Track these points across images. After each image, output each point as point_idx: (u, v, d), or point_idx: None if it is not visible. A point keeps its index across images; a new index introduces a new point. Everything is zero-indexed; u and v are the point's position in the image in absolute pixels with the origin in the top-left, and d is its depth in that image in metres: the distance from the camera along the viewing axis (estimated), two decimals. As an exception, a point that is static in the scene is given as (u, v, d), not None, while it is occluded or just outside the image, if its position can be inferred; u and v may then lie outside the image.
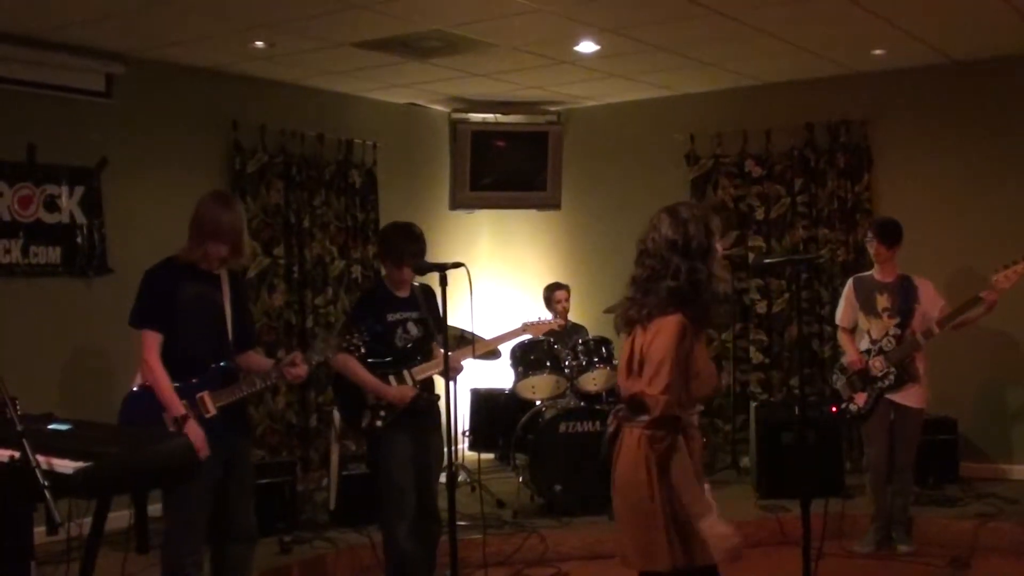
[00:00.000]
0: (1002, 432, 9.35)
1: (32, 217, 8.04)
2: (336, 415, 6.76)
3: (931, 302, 7.66)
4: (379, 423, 6.55)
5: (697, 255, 4.30)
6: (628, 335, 4.35)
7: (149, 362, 5.62)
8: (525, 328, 7.51)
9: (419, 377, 6.60)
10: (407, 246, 6.61)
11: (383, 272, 6.90)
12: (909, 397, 7.62)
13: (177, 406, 5.54)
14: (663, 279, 4.23)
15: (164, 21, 7.64)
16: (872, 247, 7.80)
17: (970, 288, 9.31)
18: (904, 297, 7.65)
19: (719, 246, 4.41)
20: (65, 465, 4.09)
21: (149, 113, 8.76)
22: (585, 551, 7.99)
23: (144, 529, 7.26)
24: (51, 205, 8.12)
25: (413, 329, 6.66)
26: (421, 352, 6.69)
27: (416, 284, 6.75)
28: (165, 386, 5.58)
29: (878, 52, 9.15)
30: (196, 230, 5.89)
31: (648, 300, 4.23)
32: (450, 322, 6.30)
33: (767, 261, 7.50)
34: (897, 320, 7.64)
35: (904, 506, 7.77)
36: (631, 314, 4.30)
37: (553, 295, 10.15)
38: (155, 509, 5.98)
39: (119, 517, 7.29)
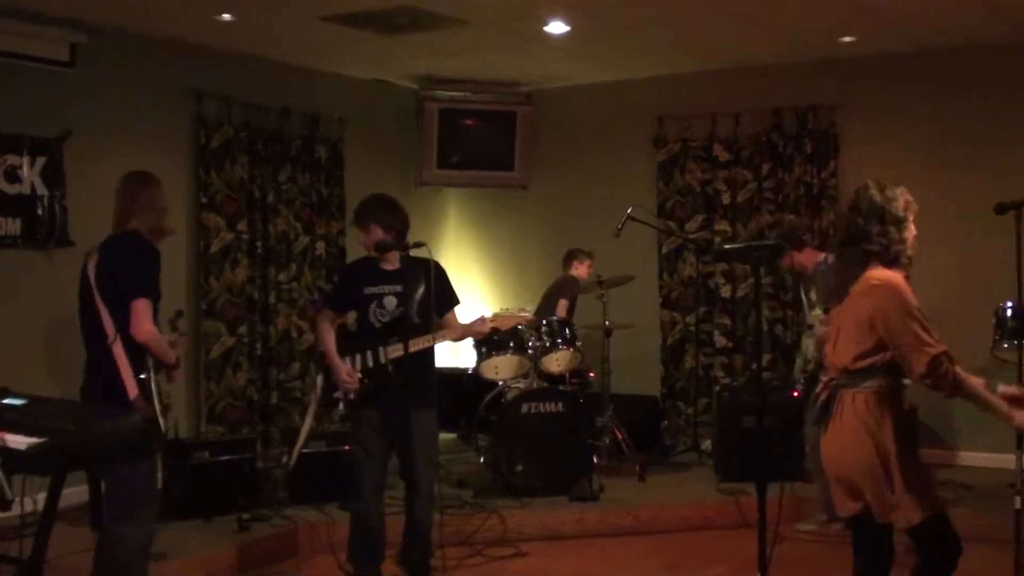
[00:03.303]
0: (958, 418, 9.37)
1: (-8, 188, 7.94)
2: (319, 381, 6.69)
3: None
4: (350, 396, 6.52)
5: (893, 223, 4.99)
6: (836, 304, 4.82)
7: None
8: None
9: (392, 356, 6.52)
10: (382, 215, 6.58)
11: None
12: None
13: None
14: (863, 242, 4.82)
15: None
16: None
17: (931, 280, 9.34)
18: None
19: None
20: (18, 441, 4.04)
21: (113, 84, 8.65)
22: (545, 532, 7.99)
23: (99, 506, 7.27)
24: (12, 176, 8.01)
25: (390, 304, 6.56)
26: (397, 330, 6.52)
27: (415, 258, 6.58)
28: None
29: (847, 39, 9.16)
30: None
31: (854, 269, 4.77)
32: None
33: (727, 248, 7.47)
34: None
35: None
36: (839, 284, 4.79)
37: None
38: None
39: (75, 493, 7.30)
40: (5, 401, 4.55)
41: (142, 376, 5.63)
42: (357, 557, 6.65)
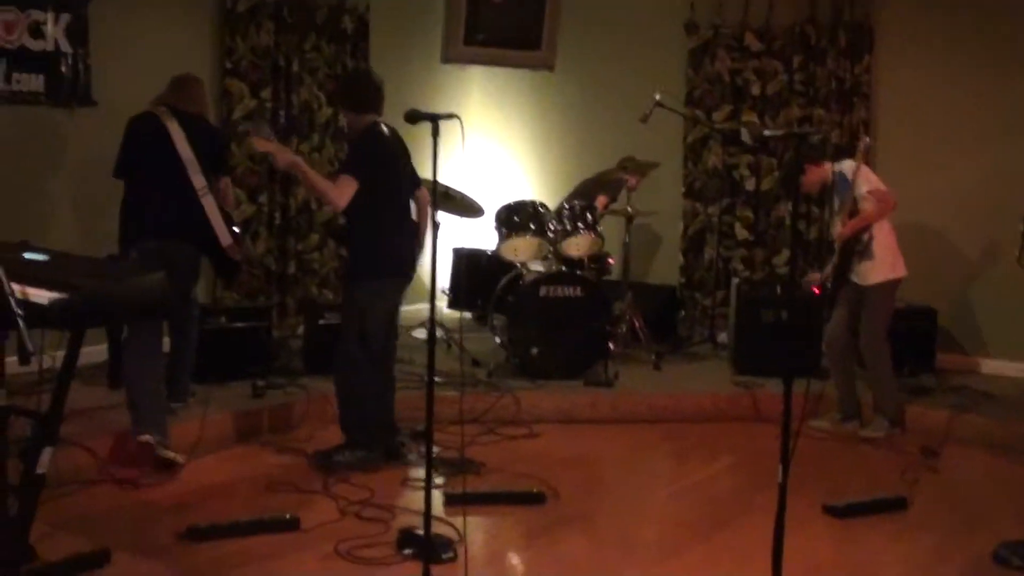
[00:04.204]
0: (980, 325, 9.34)
1: (16, 43, 7.80)
2: None
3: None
4: None
5: None
6: None
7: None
8: None
9: None
10: (372, 95, 6.67)
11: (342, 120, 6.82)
12: (859, 274, 7.61)
13: None
14: None
15: None
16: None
17: (973, 185, 9.24)
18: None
19: None
20: (40, 295, 4.03)
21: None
22: (558, 414, 8.01)
23: (117, 364, 7.32)
24: (36, 31, 7.89)
25: None
26: None
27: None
28: None
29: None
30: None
31: None
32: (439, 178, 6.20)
33: (767, 133, 7.45)
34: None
35: (878, 392, 7.76)
36: None
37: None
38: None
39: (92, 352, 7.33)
40: (27, 255, 4.53)
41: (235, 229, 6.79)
42: None
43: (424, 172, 6.01)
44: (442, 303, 10.32)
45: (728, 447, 7.61)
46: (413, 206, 6.87)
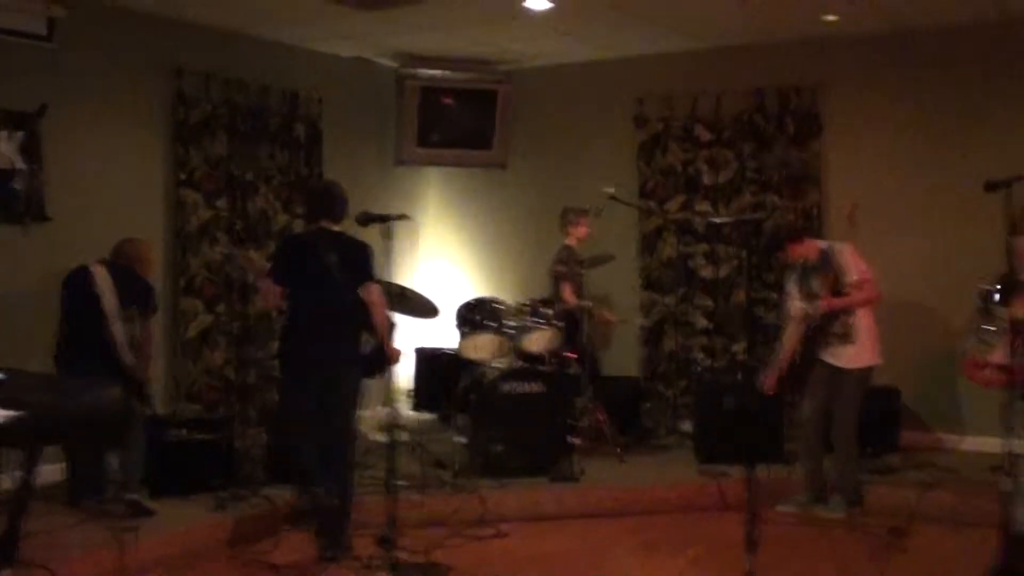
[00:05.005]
0: (944, 403, 9.37)
1: (-31, 161, 7.85)
2: None
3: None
4: None
5: None
6: None
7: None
8: None
9: None
10: (317, 203, 7.09)
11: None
12: (839, 357, 7.65)
13: None
14: None
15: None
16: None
17: (914, 260, 9.36)
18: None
19: None
20: (-7, 414, 3.99)
21: (92, 58, 8.54)
22: (524, 512, 7.95)
23: (76, 482, 7.25)
24: (-11, 149, 7.93)
25: None
26: None
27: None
28: None
29: (830, 18, 9.11)
30: None
31: None
32: (393, 278, 6.24)
33: (715, 221, 7.53)
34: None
35: (842, 472, 7.78)
36: None
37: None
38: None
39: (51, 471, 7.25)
40: (-20, 374, 4.49)
41: None
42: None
43: (379, 273, 6.02)
44: (405, 405, 10.28)
45: (696, 538, 7.57)
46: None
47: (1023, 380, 6.06)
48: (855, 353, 7.62)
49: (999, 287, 6.32)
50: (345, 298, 6.83)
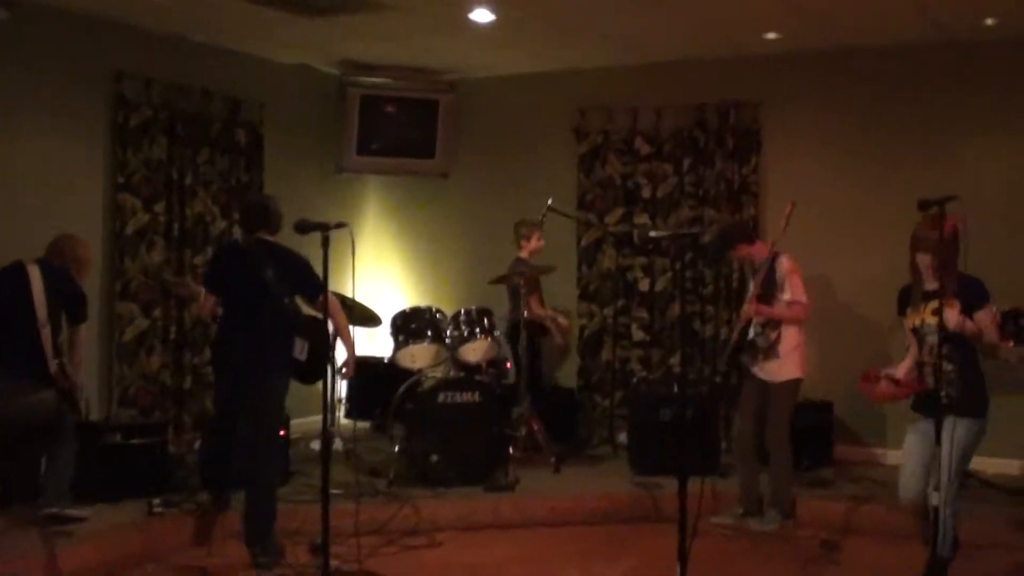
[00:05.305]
0: (876, 416, 9.46)
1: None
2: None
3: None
4: None
5: None
6: None
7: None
8: None
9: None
10: (250, 216, 7.28)
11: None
12: (766, 371, 7.77)
13: None
14: None
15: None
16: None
17: (853, 277, 9.48)
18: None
19: None
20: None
21: (32, 61, 8.46)
22: (459, 522, 7.97)
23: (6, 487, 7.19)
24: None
25: None
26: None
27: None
28: None
29: (771, 36, 9.20)
30: None
31: None
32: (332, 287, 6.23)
33: (653, 234, 7.60)
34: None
35: (776, 485, 7.84)
36: None
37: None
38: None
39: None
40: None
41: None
42: None
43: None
44: (339, 412, 10.25)
45: (632, 548, 7.62)
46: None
47: (913, 392, 6.22)
48: (780, 366, 7.74)
49: (898, 299, 6.47)
50: (276, 306, 6.96)
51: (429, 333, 8.93)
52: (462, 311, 9.14)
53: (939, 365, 5.73)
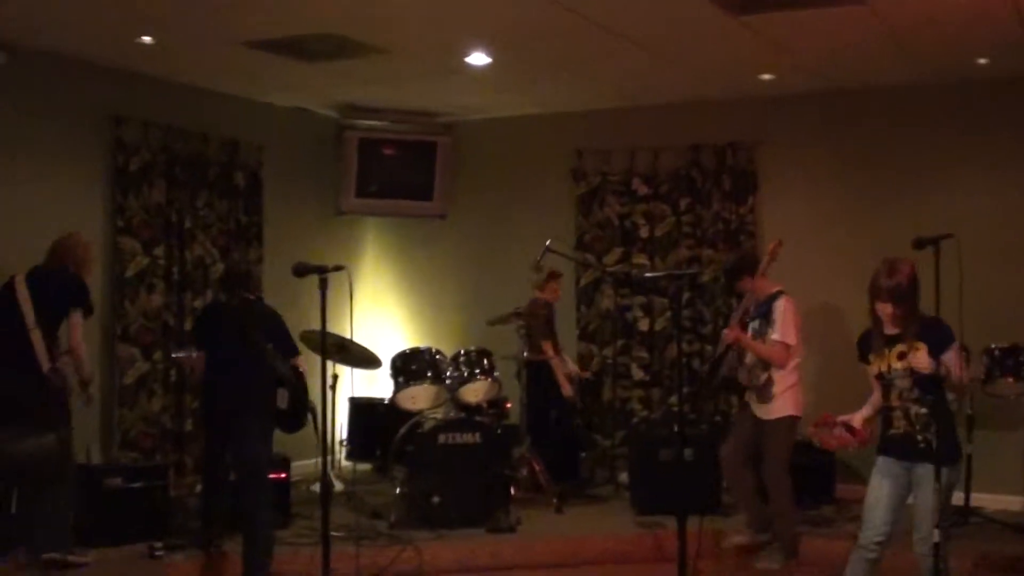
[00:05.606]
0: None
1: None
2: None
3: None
4: None
5: None
6: None
7: None
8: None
9: None
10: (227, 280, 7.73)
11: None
12: (760, 409, 7.82)
13: None
14: None
15: (50, 9, 7.44)
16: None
17: (859, 315, 9.45)
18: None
19: None
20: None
21: (31, 105, 8.50)
22: (461, 564, 7.93)
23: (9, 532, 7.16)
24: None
25: None
26: None
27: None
28: None
29: (766, 77, 9.26)
30: None
31: None
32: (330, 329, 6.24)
33: (648, 275, 7.61)
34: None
35: (778, 523, 7.82)
36: None
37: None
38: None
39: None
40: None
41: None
42: None
43: (316, 324, 6.04)
44: (339, 455, 10.25)
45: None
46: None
47: (866, 442, 6.17)
48: (773, 407, 7.74)
49: (858, 346, 6.42)
50: (259, 358, 7.13)
51: (429, 374, 8.95)
52: (461, 352, 9.16)
53: (917, 411, 5.76)
